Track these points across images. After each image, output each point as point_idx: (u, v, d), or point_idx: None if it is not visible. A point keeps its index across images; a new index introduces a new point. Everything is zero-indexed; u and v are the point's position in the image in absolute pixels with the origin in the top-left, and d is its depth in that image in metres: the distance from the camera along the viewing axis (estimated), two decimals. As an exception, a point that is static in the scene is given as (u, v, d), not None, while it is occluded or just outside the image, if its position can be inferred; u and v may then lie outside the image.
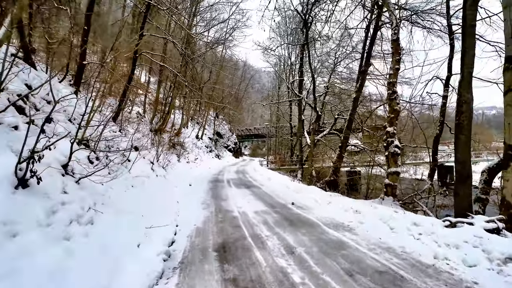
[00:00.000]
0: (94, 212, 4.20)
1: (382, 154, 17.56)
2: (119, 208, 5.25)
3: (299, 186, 10.14)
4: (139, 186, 8.21)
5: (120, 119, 13.17)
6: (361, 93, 16.60)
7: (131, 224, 4.72)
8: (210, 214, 6.57)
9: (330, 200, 7.44)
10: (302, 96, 19.48)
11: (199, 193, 9.38)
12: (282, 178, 13.95)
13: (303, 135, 20.60)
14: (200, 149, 24.03)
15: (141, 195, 7.29)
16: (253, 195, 9.07)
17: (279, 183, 11.77)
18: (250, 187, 11.04)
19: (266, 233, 5.01)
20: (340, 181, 17.21)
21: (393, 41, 9.40)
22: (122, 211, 5.18)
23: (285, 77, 25.46)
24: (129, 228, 4.49)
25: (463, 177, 6.59)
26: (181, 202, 7.69)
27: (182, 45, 18.24)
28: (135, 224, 4.82)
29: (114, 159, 8.37)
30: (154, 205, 6.55)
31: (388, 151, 8.71)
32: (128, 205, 5.89)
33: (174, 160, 17.32)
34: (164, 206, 6.72)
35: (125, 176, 8.14)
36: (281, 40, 21.69)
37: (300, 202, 7.79)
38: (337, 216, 6.20)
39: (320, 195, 8.11)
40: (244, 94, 35.91)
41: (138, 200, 6.63)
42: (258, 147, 47.86)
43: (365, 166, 21.22)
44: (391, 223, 5.13)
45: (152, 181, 9.51)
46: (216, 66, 25.82)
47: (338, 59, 22.78)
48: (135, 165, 9.47)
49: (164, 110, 19.98)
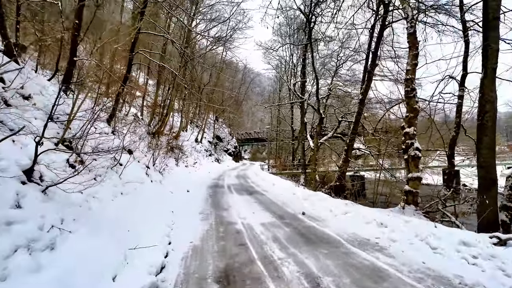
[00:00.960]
0: (59, 232, 3.17)
1: (389, 158, 16.62)
2: (98, 223, 4.22)
3: (307, 192, 9.15)
4: (130, 193, 7.18)
5: (114, 121, 12.18)
6: (367, 95, 15.70)
7: (110, 245, 3.69)
8: (210, 227, 5.52)
9: (346, 209, 6.43)
10: (304, 98, 18.56)
11: (198, 201, 8.34)
12: (286, 184, 12.93)
13: (306, 139, 19.62)
14: (200, 153, 23.00)
15: (131, 204, 6.26)
16: (257, 203, 8.03)
17: (283, 189, 10.75)
18: (253, 194, 10.01)
19: (279, 255, 3.98)
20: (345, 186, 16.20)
21: (409, 35, 8.50)
22: (101, 226, 4.14)
23: (287, 79, 24.59)
24: (106, 251, 3.46)
25: (487, 184, 5.71)
26: (177, 212, 6.65)
27: (181, 44, 17.35)
28: (115, 244, 3.79)
29: (101, 162, 7.37)
30: (145, 217, 5.51)
31: (407, 154, 7.73)
32: (113, 217, 4.86)
33: (172, 164, 16.28)
34: (157, 217, 5.69)
35: (114, 182, 7.12)
36: (283, 41, 20.83)
37: (312, 212, 6.77)
38: (359, 230, 5.18)
39: (334, 204, 7.10)
40: (244, 97, 34.99)
41: (126, 210, 5.59)
42: (258, 151, 46.78)
43: (370, 170, 20.24)
44: (432, 242, 4.11)
45: (146, 188, 8.48)
46: (216, 68, 24.93)
47: (340, 61, 22.00)
48: (128, 169, 8.46)
49: (163, 112, 19.00)
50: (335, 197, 9.75)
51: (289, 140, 26.27)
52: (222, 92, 27.78)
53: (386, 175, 14.64)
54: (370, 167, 22.62)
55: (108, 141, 9.15)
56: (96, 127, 9.45)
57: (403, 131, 8.03)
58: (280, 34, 23.11)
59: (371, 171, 20.18)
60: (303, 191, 9.65)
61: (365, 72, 17.10)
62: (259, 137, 38.80)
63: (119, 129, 12.00)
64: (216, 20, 19.72)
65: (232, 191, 10.65)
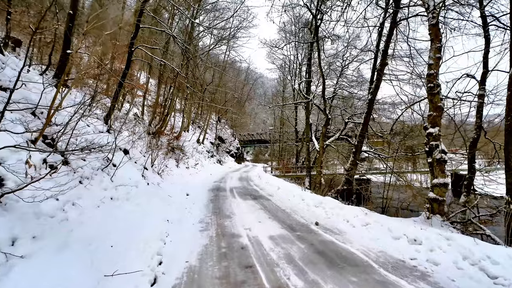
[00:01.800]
0: (3, 259, 2.31)
1: (400, 161, 15.67)
2: (71, 239, 3.35)
3: (317, 198, 8.25)
4: (121, 198, 6.32)
5: (111, 119, 11.38)
6: (376, 95, 14.82)
7: (80, 271, 2.81)
8: (210, 241, 4.63)
9: (366, 220, 5.52)
10: (310, 98, 17.68)
11: (198, 207, 7.46)
12: (291, 187, 12.02)
13: (311, 140, 18.73)
14: (201, 154, 22.14)
15: (121, 211, 5.39)
16: (263, 210, 7.13)
17: (290, 193, 9.85)
18: (257, 198, 9.11)
19: (296, 283, 3.08)
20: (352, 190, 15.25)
21: (431, 26, 7.61)
22: (75, 243, 3.27)
23: (291, 79, 23.73)
24: (70, 280, 2.58)
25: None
26: (173, 220, 5.77)
27: (183, 41, 16.56)
28: (88, 270, 2.91)
29: (90, 163, 6.53)
30: (135, 227, 4.64)
31: (432, 157, 6.81)
32: (93, 230, 3.98)
33: (173, 165, 15.44)
34: (150, 227, 4.81)
35: (104, 185, 6.26)
36: (288, 39, 19.97)
37: (326, 222, 5.87)
38: (387, 246, 4.28)
39: (350, 212, 6.19)
40: (247, 98, 34.13)
41: (113, 220, 4.72)
42: (260, 152, 45.83)
43: (377, 174, 19.31)
44: (489, 268, 3.21)
45: (141, 191, 7.61)
46: (219, 67, 24.12)
47: (346, 61, 21.20)
48: (121, 171, 7.61)
49: (164, 112, 18.19)
50: (343, 202, 8.85)
51: (293, 142, 25.35)
52: (224, 92, 26.96)
53: (396, 179, 13.70)
54: (376, 170, 21.71)
55: (100, 140, 8.31)
56: (89, 125, 8.63)
57: (426, 131, 7.12)
58: (285, 32, 22.31)
59: (377, 175, 19.26)
60: (312, 196, 8.74)
61: (373, 71, 16.27)
62: (261, 139, 37.93)
63: (116, 128, 11.19)
64: (219, 18, 18.93)
65: (235, 195, 9.76)
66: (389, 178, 12.72)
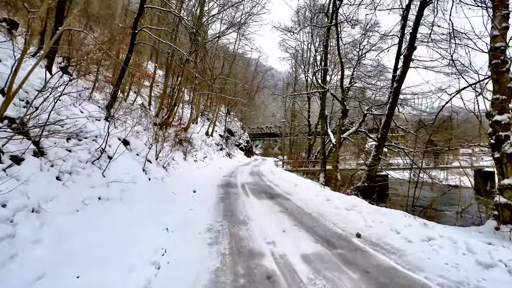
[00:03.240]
0: None
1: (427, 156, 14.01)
2: (3, 270, 2.07)
3: (345, 198, 6.84)
4: (113, 198, 5.03)
5: (109, 107, 10.16)
6: (403, 83, 13.14)
7: None
8: (221, 263, 3.27)
9: (427, 233, 4.08)
10: (327, 88, 16.06)
11: (205, 208, 6.14)
12: (310, 184, 10.59)
13: (326, 133, 17.17)
14: (210, 147, 20.89)
15: (107, 217, 4.10)
16: (284, 213, 5.76)
17: (310, 192, 8.45)
18: (274, 197, 7.74)
19: None
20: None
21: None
22: (8, 278, 1.98)
23: (304, 68, 22.05)
24: None
25: None
26: (174, 228, 4.47)
27: (193, 23, 15.18)
28: None
29: (77, 155, 5.28)
30: (118, 244, 3.34)
31: (501, 152, 5.26)
32: (49, 253, 2.69)
33: (180, 158, 14.21)
34: (141, 241, 3.53)
35: (92, 181, 4.97)
36: (303, 24, 18.23)
37: (370, 233, 4.45)
38: (482, 281, 2.85)
39: (398, 220, 4.76)
40: (257, 90, 32.55)
41: (90, 232, 3.43)
42: (269, 146, 44.35)
43: (399, 170, 17.62)
44: None
45: (140, 188, 6.35)
46: (229, 56, 22.62)
47: (363, 51, 19.46)
48: (118, 164, 6.35)
49: (171, 102, 16.90)
50: (370, 202, 7.41)
51: (305, 135, 23.79)
52: (234, 83, 25.49)
53: (429, 176, 12.12)
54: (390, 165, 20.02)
55: (95, 129, 7.05)
56: (82, 111, 7.39)
57: (490, 119, 5.56)
58: (299, 20, 20.58)
59: (397, 170, 17.63)
60: (338, 195, 7.31)
61: (398, 58, 14.55)
62: (271, 132, 36.47)
63: (118, 117, 9.96)
64: (230, 2, 17.35)
65: (248, 193, 8.42)
66: (417, 175, 11.11)
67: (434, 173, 19.39)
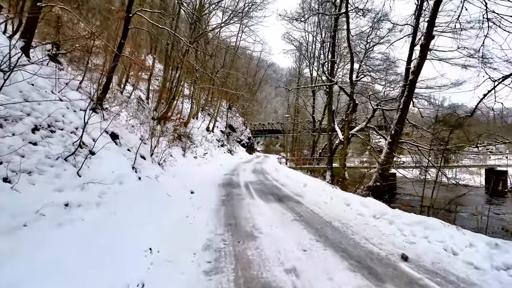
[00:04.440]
0: None
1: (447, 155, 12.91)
2: None
3: (366, 202, 5.73)
4: (88, 203, 3.91)
5: (110, 99, 9.08)
6: (419, 75, 11.98)
7: None
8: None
9: (500, 258, 2.99)
10: (335, 81, 14.88)
11: (204, 214, 5.02)
12: (318, 184, 9.46)
13: (334, 130, 16.01)
14: (211, 143, 19.77)
15: (66, 233, 2.99)
16: (300, 222, 4.64)
17: (323, 193, 7.35)
18: (283, 200, 6.63)
19: None
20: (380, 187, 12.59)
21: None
22: None
23: (308, 62, 20.80)
24: None
25: None
26: (160, 246, 3.36)
27: (193, 10, 13.99)
28: None
29: (45, 149, 4.19)
30: (65, 278, 2.25)
31: None
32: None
33: (178, 155, 13.09)
34: (105, 274, 2.44)
35: (59, 183, 3.84)
36: (310, 13, 16.94)
37: (418, 254, 3.33)
38: None
39: (447, 234, 3.68)
40: (258, 86, 31.30)
41: (28, 260, 2.33)
42: (271, 143, 43.18)
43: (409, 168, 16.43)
44: None
45: (126, 190, 5.23)
46: (231, 49, 21.38)
47: (370, 44, 18.18)
48: (101, 160, 5.25)
49: (170, 95, 15.72)
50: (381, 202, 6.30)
51: (309, 131, 22.62)
52: (236, 78, 24.26)
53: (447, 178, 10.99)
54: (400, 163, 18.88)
55: (75, 118, 5.94)
56: (63, 98, 6.26)
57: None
58: (303, 10, 19.26)
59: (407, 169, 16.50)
60: (359, 199, 6.18)
61: (411, 49, 13.35)
62: (273, 129, 35.32)
63: (110, 109, 8.82)
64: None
65: (253, 194, 7.31)
66: (435, 175, 9.96)
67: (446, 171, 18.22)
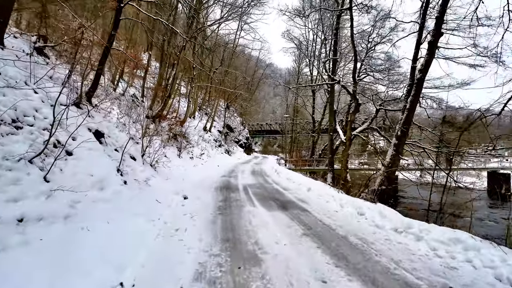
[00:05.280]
0: None
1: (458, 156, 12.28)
2: None
3: (385, 212, 4.98)
4: (51, 218, 3.12)
5: (104, 97, 8.27)
6: (427, 74, 11.31)
7: None
8: None
9: None
10: (338, 80, 14.18)
11: (196, 228, 4.22)
12: (323, 187, 8.70)
13: (335, 130, 15.28)
14: (208, 143, 18.95)
15: (10, 267, 2.19)
16: (311, 239, 3.87)
17: (331, 199, 6.60)
18: (287, 207, 5.86)
19: None
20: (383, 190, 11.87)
21: None
22: None
23: (308, 61, 20.08)
24: None
25: None
26: (136, 277, 2.58)
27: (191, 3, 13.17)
28: None
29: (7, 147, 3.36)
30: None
31: None
32: None
33: (173, 155, 12.28)
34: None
35: (18, 190, 3.02)
36: (312, 9, 16.17)
37: (464, 284, 2.60)
38: None
39: (492, 254, 2.95)
40: (257, 86, 30.51)
41: None
42: (269, 144, 42.36)
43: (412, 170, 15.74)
44: None
45: (105, 198, 4.43)
46: (230, 47, 20.58)
47: (371, 43, 17.51)
48: (80, 162, 4.46)
49: (165, 93, 14.89)
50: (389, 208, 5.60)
51: (309, 132, 21.89)
52: (234, 77, 23.45)
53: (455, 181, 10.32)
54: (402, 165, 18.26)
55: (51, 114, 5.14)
56: (37, 91, 5.44)
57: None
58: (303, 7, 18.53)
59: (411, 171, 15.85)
60: (372, 207, 5.44)
61: (417, 47, 12.63)
62: (271, 129, 34.56)
63: (99, 105, 8.00)
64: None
65: (253, 200, 6.52)
66: (446, 179, 9.24)
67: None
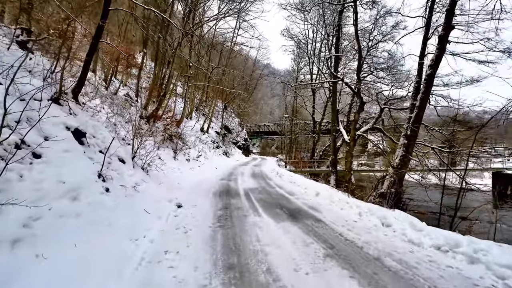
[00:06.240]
0: None
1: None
2: None
3: (415, 223, 4.16)
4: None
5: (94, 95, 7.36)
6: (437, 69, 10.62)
7: None
8: None
9: None
10: (341, 77, 13.43)
11: (191, 248, 3.34)
12: (331, 191, 7.87)
13: (338, 131, 14.50)
14: (205, 144, 18.05)
15: None
16: (338, 262, 3.04)
17: (344, 205, 5.79)
18: (297, 217, 5.02)
19: None
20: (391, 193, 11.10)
21: None
22: None
23: (309, 58, 19.33)
24: None
25: None
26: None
27: None
28: None
29: None
30: None
31: None
32: None
33: (168, 157, 11.37)
34: None
35: None
36: (313, 3, 15.36)
37: None
38: None
39: None
40: (255, 86, 29.71)
41: None
42: (267, 145, 41.53)
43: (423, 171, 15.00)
44: None
45: (78, 211, 3.52)
46: (227, 46, 19.77)
47: (372, 41, 16.90)
48: (50, 167, 3.55)
49: (160, 92, 13.97)
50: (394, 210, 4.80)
51: (309, 133, 21.11)
52: (233, 77, 22.62)
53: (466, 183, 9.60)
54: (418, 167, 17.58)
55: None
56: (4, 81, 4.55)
57: None
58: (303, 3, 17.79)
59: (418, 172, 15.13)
60: (397, 214, 4.62)
61: (425, 43, 11.95)
62: (269, 130, 33.76)
63: (86, 103, 7.10)
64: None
65: (257, 208, 5.67)
66: (461, 180, 8.48)
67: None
